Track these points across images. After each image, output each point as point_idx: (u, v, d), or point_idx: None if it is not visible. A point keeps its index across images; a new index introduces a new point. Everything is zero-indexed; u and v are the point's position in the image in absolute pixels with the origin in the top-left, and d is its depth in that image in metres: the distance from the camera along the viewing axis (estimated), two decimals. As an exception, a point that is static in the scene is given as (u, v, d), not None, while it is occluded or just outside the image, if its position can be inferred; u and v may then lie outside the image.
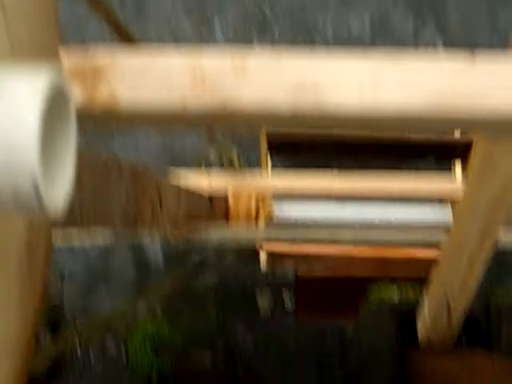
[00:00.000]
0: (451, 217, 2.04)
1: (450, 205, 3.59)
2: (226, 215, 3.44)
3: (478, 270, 1.69)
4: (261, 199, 3.54)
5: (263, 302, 2.04)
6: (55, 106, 0.50)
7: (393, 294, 2.18)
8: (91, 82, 0.75)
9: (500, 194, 1.47)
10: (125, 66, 0.74)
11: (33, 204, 0.47)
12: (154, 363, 1.99)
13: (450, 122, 0.76)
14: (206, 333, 2.04)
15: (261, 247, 3.30)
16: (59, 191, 0.52)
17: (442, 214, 2.70)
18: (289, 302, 2.04)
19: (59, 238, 2.06)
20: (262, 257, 3.33)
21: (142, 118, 0.77)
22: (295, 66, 0.75)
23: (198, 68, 0.74)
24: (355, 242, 2.36)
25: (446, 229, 1.90)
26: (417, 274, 2.97)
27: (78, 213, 1.20)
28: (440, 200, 3.94)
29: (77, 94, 0.73)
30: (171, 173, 2.33)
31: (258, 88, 0.75)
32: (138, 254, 4.58)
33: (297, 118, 0.76)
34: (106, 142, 3.08)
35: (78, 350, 1.99)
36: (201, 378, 2.02)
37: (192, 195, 2.77)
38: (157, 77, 0.75)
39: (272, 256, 3.37)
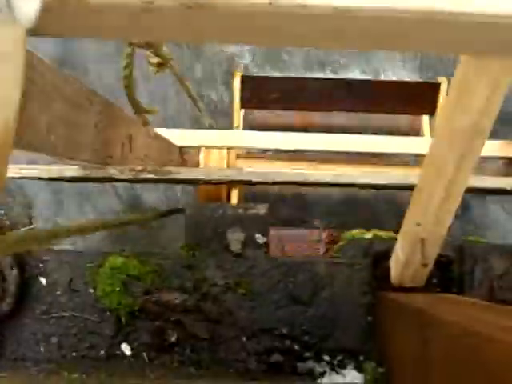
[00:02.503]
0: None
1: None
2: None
3: (454, 201, 1.66)
4: (231, 156, 3.53)
5: (233, 238, 2.00)
6: None
7: (365, 234, 2.16)
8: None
9: (478, 119, 1.43)
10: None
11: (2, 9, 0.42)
12: (122, 299, 1.95)
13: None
14: (174, 269, 2.00)
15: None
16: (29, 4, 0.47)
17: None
18: (260, 238, 2.00)
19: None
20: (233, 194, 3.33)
21: (117, 6, 0.70)
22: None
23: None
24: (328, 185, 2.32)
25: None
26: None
27: (46, 137, 1.14)
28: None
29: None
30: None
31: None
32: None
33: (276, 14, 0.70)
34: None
35: (44, 281, 1.95)
36: (170, 315, 1.98)
37: (162, 141, 2.71)
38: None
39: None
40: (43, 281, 1.97)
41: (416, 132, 4.25)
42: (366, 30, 0.71)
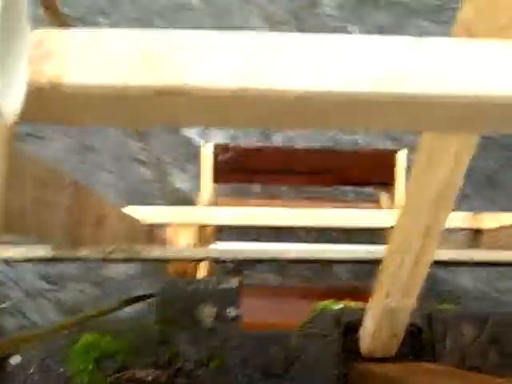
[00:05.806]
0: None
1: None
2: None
3: (421, 272, 1.69)
4: (202, 234, 3.54)
5: (205, 312, 2.01)
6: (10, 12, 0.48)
7: (335, 304, 2.18)
8: (39, 57, 0.72)
9: (444, 191, 1.47)
10: (74, 42, 0.71)
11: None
12: (94, 377, 1.94)
13: (401, 103, 0.74)
14: (147, 345, 2.00)
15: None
16: (12, 97, 0.50)
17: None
18: (232, 312, 2.02)
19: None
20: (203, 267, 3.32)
21: (90, 94, 0.73)
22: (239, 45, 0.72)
23: (146, 45, 0.71)
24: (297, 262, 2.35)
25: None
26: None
27: (19, 219, 1.17)
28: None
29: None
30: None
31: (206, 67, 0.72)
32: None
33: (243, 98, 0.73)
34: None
35: (18, 358, 1.94)
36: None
37: (131, 220, 2.73)
38: (105, 53, 0.71)
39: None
40: (18, 359, 1.96)
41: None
42: (325, 112, 0.76)
